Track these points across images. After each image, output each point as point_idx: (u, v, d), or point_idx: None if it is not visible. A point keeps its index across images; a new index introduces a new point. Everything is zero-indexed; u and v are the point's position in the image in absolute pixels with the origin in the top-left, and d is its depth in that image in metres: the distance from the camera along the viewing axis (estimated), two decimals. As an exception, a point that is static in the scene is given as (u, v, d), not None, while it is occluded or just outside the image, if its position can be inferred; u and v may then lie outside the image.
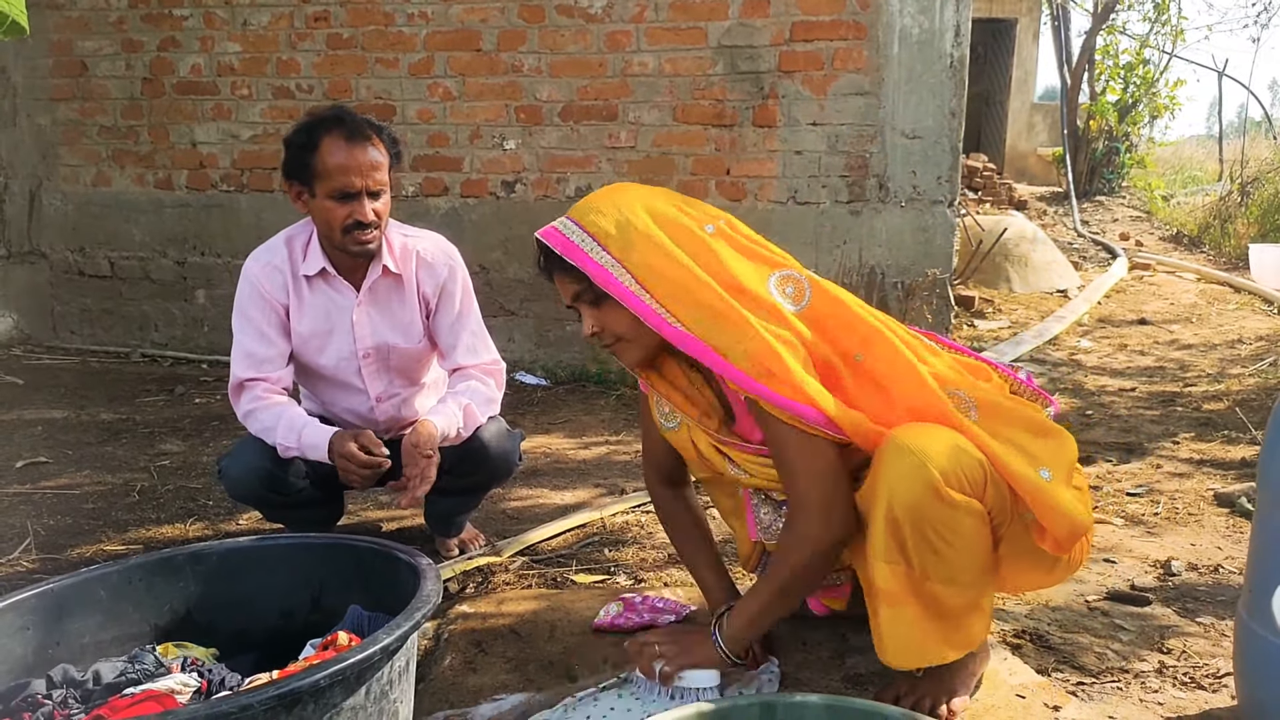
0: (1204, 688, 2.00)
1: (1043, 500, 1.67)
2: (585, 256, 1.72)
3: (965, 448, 1.66)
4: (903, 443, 1.65)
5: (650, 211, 1.75)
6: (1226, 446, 3.76)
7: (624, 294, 1.71)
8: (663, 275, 1.71)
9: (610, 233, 1.72)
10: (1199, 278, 7.97)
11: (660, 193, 1.83)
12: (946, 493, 1.63)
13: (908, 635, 1.69)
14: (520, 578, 2.61)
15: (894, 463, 1.65)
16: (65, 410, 4.55)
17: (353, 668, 1.37)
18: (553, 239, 1.76)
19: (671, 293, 1.70)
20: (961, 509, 1.64)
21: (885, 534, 1.65)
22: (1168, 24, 12.43)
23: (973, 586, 1.71)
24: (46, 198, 5.97)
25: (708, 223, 1.79)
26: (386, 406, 2.64)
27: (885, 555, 1.66)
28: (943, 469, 1.62)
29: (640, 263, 1.71)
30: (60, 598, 1.71)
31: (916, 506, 1.63)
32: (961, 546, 1.66)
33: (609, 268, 1.71)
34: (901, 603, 1.68)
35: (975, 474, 1.65)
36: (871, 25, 4.66)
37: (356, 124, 2.38)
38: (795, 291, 1.77)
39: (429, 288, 2.56)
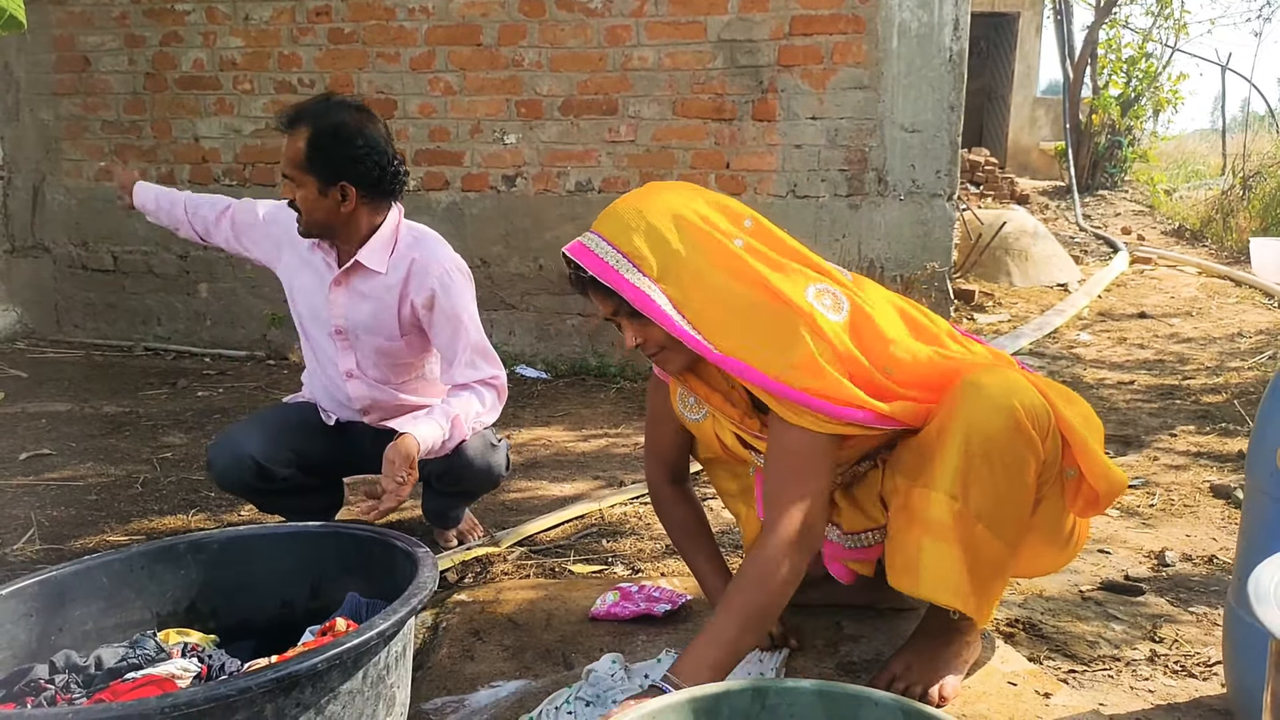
0: (1194, 675, 2.02)
1: (1090, 453, 1.74)
2: (621, 279, 1.70)
3: (1034, 390, 1.73)
4: (979, 380, 1.70)
5: (679, 225, 1.73)
6: (1224, 439, 3.78)
7: (662, 317, 1.70)
8: (697, 296, 1.70)
9: (644, 254, 1.70)
10: (1200, 272, 7.97)
11: (686, 198, 1.79)
12: (1025, 425, 1.68)
13: (946, 569, 1.71)
14: (518, 568, 2.64)
15: (973, 397, 1.69)
16: (69, 403, 4.58)
17: (350, 652, 1.40)
18: (587, 260, 1.72)
19: (706, 312, 1.70)
20: (1031, 448, 1.69)
21: (956, 465, 1.68)
22: (1170, 17, 12.40)
23: (1008, 544, 1.75)
24: (50, 192, 5.99)
25: (736, 236, 1.76)
26: (358, 384, 2.61)
27: (948, 487, 1.69)
28: (1023, 403, 1.68)
29: (676, 283, 1.70)
30: (63, 585, 1.73)
31: (996, 437, 1.67)
32: (1017, 490, 1.71)
33: (646, 290, 1.69)
34: (947, 540, 1.70)
35: (1044, 417, 1.72)
36: (870, 19, 4.67)
37: (290, 115, 2.42)
38: (833, 303, 1.76)
39: (419, 298, 2.51)
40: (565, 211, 5.12)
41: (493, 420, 2.58)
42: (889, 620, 2.11)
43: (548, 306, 5.29)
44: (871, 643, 2.03)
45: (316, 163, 2.37)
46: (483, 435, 2.59)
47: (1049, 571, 2.05)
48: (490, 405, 2.54)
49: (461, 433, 2.45)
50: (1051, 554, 1.90)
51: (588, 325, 5.25)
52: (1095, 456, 1.75)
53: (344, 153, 2.38)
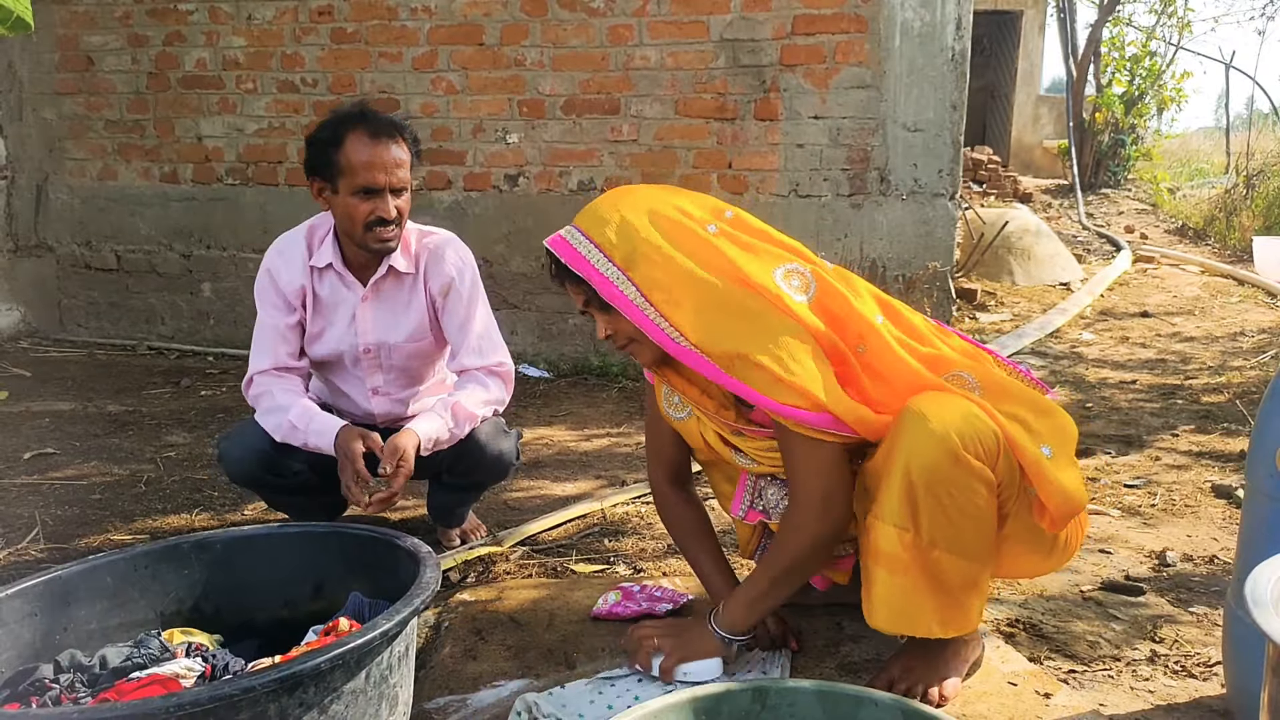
0: (1195, 676, 2.02)
1: (1043, 474, 1.71)
2: (591, 269, 1.76)
3: (981, 416, 1.71)
4: (921, 410, 1.69)
5: (653, 217, 1.77)
6: (1225, 439, 3.78)
7: (628, 307, 1.75)
8: (666, 285, 1.74)
9: (614, 243, 1.76)
10: (1203, 270, 7.97)
11: (664, 194, 1.85)
12: (964, 457, 1.66)
13: (902, 601, 1.72)
14: (521, 567, 2.64)
15: (913, 428, 1.68)
16: (72, 402, 4.59)
17: (353, 652, 1.40)
18: (561, 249, 1.79)
19: (674, 302, 1.73)
20: (976, 475, 1.68)
21: (900, 497, 1.68)
22: (1174, 16, 12.38)
23: (975, 561, 1.74)
24: (53, 191, 6.00)
25: (710, 222, 1.80)
26: (383, 400, 2.67)
27: (895, 519, 1.69)
28: (961, 433, 1.67)
29: (644, 274, 1.74)
30: (68, 584, 1.74)
31: (935, 469, 1.66)
32: (972, 515, 1.70)
33: (615, 281, 1.75)
34: (903, 571, 1.70)
35: (990, 443, 1.70)
36: (873, 18, 4.67)
37: (381, 121, 2.42)
38: (801, 284, 1.78)
39: (435, 286, 2.58)
40: (568, 211, 5.07)
41: (502, 406, 2.62)
42: (890, 620, 2.12)
43: (550, 306, 5.30)
44: (872, 643, 2.03)
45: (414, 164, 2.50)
46: (494, 422, 2.63)
47: (1040, 574, 2.03)
48: (497, 392, 2.59)
49: (469, 418, 2.50)
50: (1038, 559, 1.87)
51: (590, 325, 5.24)
52: (1049, 475, 1.71)
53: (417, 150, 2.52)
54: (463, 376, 2.61)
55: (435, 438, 2.42)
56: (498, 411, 2.63)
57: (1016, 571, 1.96)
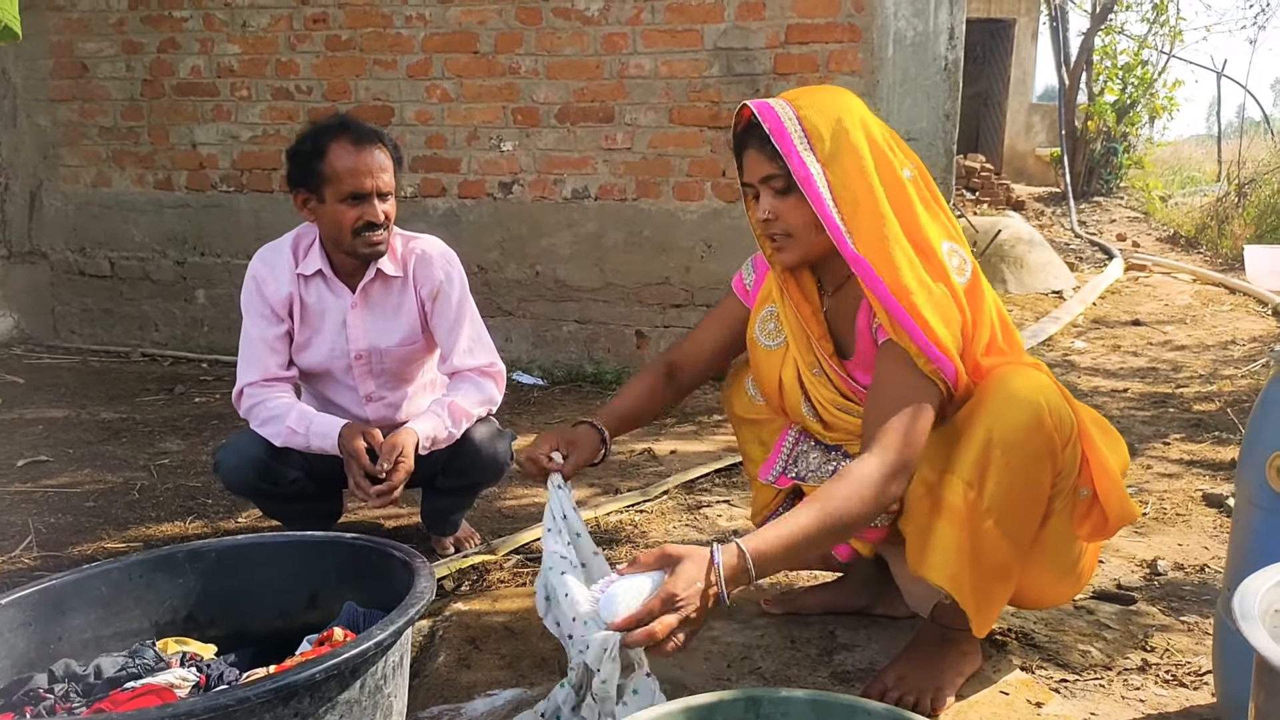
0: (1186, 685, 2.03)
1: (1109, 477, 1.76)
2: (793, 148, 1.74)
3: (1064, 400, 1.76)
4: (1012, 376, 1.74)
5: (866, 131, 1.77)
6: (1217, 447, 3.79)
7: (818, 199, 1.74)
8: (856, 197, 1.74)
9: (824, 136, 1.74)
10: (1194, 279, 8.00)
11: (872, 117, 1.84)
12: (1047, 425, 1.70)
13: (952, 555, 1.74)
14: (514, 576, 2.65)
15: (1001, 389, 1.73)
16: (66, 409, 4.58)
17: (348, 662, 1.41)
18: (768, 118, 1.76)
19: (858, 215, 1.74)
20: (1049, 450, 1.72)
21: (976, 452, 1.71)
22: (1166, 24, 12.47)
23: (1015, 546, 1.76)
24: (47, 198, 6.00)
25: (906, 166, 1.81)
26: (377, 406, 2.68)
27: (967, 474, 1.72)
28: (1049, 404, 1.71)
29: (841, 174, 1.74)
30: (62, 594, 1.74)
31: (1016, 430, 1.70)
32: (1031, 492, 1.74)
33: (810, 167, 1.74)
34: (961, 526, 1.72)
35: (1066, 425, 1.74)
36: (866, 28, 4.69)
37: (362, 129, 2.45)
38: (959, 264, 1.80)
39: (425, 290, 2.61)
40: (562, 219, 5.14)
41: (495, 406, 2.66)
42: (883, 629, 2.13)
43: (544, 313, 5.31)
44: (865, 652, 2.04)
45: (397, 169, 2.52)
46: (490, 422, 2.67)
47: (1055, 602, 2.03)
48: (490, 392, 2.63)
49: (465, 416, 2.53)
50: (1053, 578, 1.89)
51: (584, 332, 5.26)
52: (1113, 477, 1.77)
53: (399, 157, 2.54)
54: (455, 378, 2.63)
55: (433, 436, 2.46)
56: (491, 411, 2.67)
57: (1030, 588, 1.92)
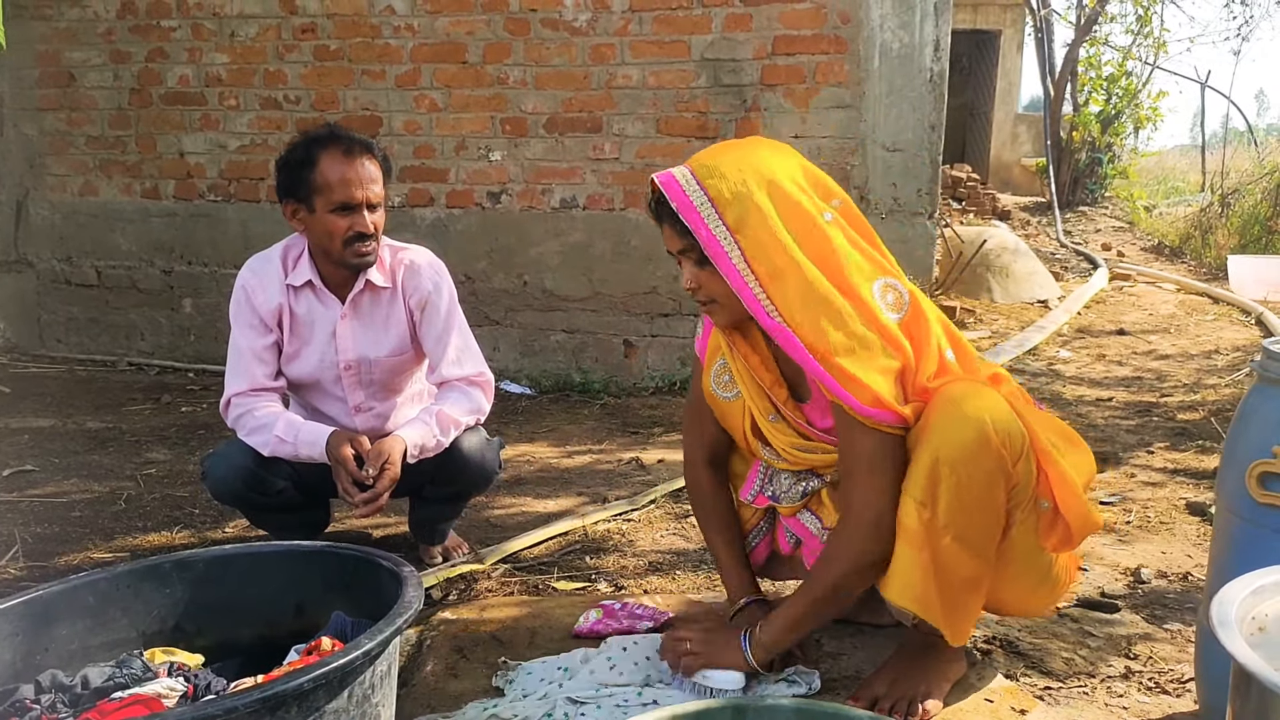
0: (1168, 692, 2.05)
1: (1068, 488, 1.74)
2: (700, 221, 1.73)
3: (1012, 414, 1.73)
4: (958, 393, 1.72)
5: (771, 186, 1.74)
6: (1200, 456, 3.82)
7: (730, 270, 1.73)
8: (770, 259, 1.72)
9: (728, 200, 1.73)
10: (1178, 288, 8.05)
11: (786, 161, 1.81)
12: (994, 442, 1.69)
13: (914, 576, 1.73)
14: (502, 585, 2.65)
15: (948, 410, 1.71)
16: (52, 419, 4.57)
17: (335, 672, 1.41)
18: (672, 192, 1.76)
19: (775, 278, 1.72)
20: (998, 466, 1.70)
21: (925, 472, 1.70)
22: (1150, 36, 12.54)
23: (979, 557, 1.75)
24: (34, 207, 5.99)
25: (826, 209, 1.78)
26: (366, 416, 2.68)
27: (919, 494, 1.71)
28: (994, 420, 1.69)
29: (752, 240, 1.72)
30: (49, 604, 1.73)
31: (962, 448, 1.68)
32: (986, 506, 1.72)
33: (721, 240, 1.73)
34: (919, 547, 1.72)
35: (1017, 441, 1.72)
36: (852, 39, 4.72)
37: (352, 139, 2.46)
38: (895, 300, 1.78)
39: (414, 300, 2.61)
40: (550, 228, 5.15)
41: (483, 415, 2.66)
42: (869, 638, 2.14)
43: (532, 323, 5.32)
44: (851, 660, 2.05)
45: (386, 180, 2.52)
46: (478, 431, 2.67)
47: (1037, 610, 2.04)
48: (478, 401, 2.64)
49: (450, 425, 2.53)
50: (1029, 586, 1.88)
51: (572, 341, 5.28)
52: (1073, 489, 1.75)
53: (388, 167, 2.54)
54: (443, 388, 2.63)
55: (421, 444, 2.46)
56: (480, 420, 2.66)
57: (1007, 597, 1.93)
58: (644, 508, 3.30)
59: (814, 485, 1.98)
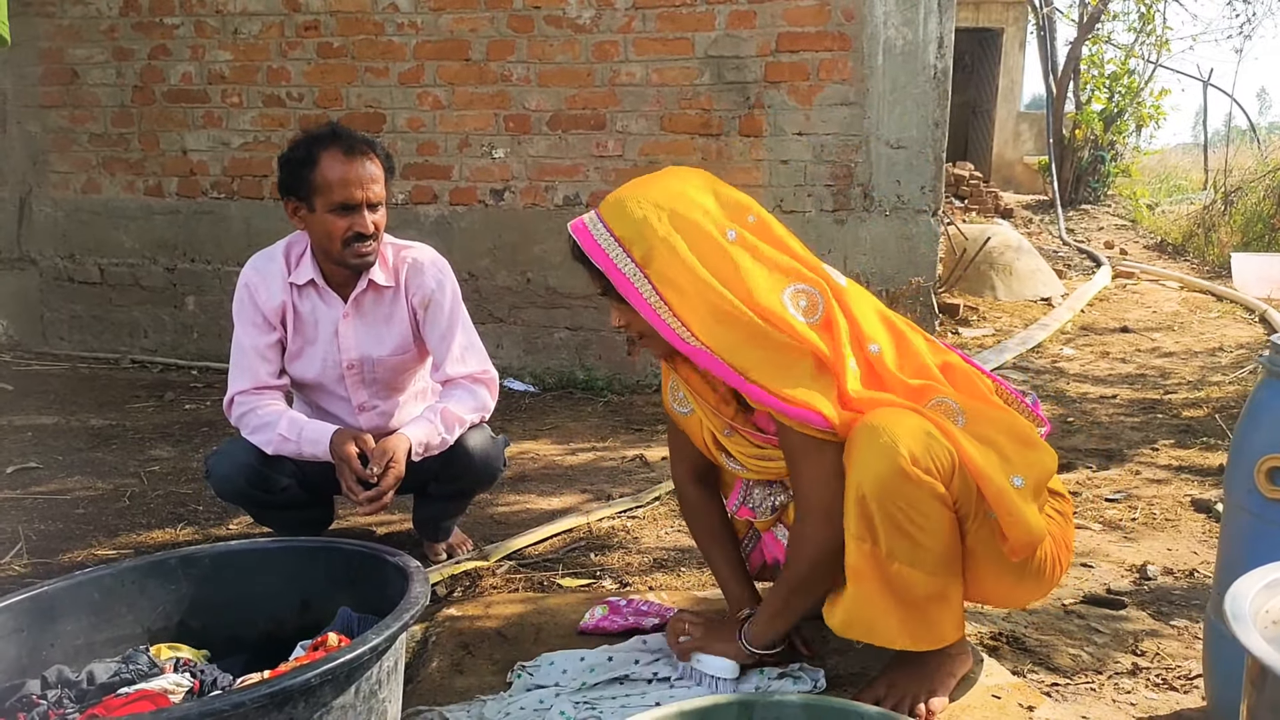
0: (1175, 689, 2.04)
1: (1004, 503, 1.70)
2: (609, 262, 1.78)
3: (935, 435, 1.71)
4: (874, 424, 1.70)
5: (673, 217, 1.77)
6: (1205, 453, 3.82)
7: (642, 305, 1.77)
8: (680, 287, 1.74)
9: (632, 238, 1.77)
10: (1182, 286, 8.05)
11: (691, 187, 1.84)
12: (913, 471, 1.66)
13: (857, 608, 1.74)
14: (507, 582, 2.65)
15: (865, 443, 1.69)
16: (55, 416, 4.57)
17: (342, 667, 1.41)
18: (581, 237, 1.81)
19: (687, 304, 1.75)
20: (928, 490, 1.68)
21: (855, 510, 1.70)
22: (1152, 34, 12.52)
23: (936, 575, 1.74)
24: (36, 204, 5.99)
25: (730, 228, 1.80)
26: (370, 415, 2.68)
27: (854, 530, 1.71)
28: (910, 448, 1.67)
29: (659, 272, 1.75)
30: (54, 600, 1.73)
31: (884, 483, 1.67)
32: (929, 529, 1.70)
33: (630, 276, 1.76)
34: (863, 580, 1.72)
35: (944, 460, 1.70)
36: (856, 37, 4.71)
37: (354, 139, 2.44)
38: (809, 304, 1.79)
39: (417, 299, 2.61)
40: (553, 225, 5.15)
41: (488, 413, 2.66)
42: (875, 634, 2.13)
43: (535, 320, 5.31)
44: (858, 656, 2.04)
45: (388, 179, 2.51)
46: (483, 429, 2.66)
47: (1027, 601, 2.01)
48: (483, 398, 2.63)
49: (454, 422, 2.53)
50: (1010, 583, 1.85)
51: (575, 338, 5.27)
52: (1009, 505, 1.70)
53: (390, 166, 2.53)
54: (448, 385, 2.63)
55: (425, 442, 2.46)
56: (484, 418, 2.66)
57: (991, 595, 1.92)
58: (648, 505, 3.29)
59: (782, 500, 2.01)
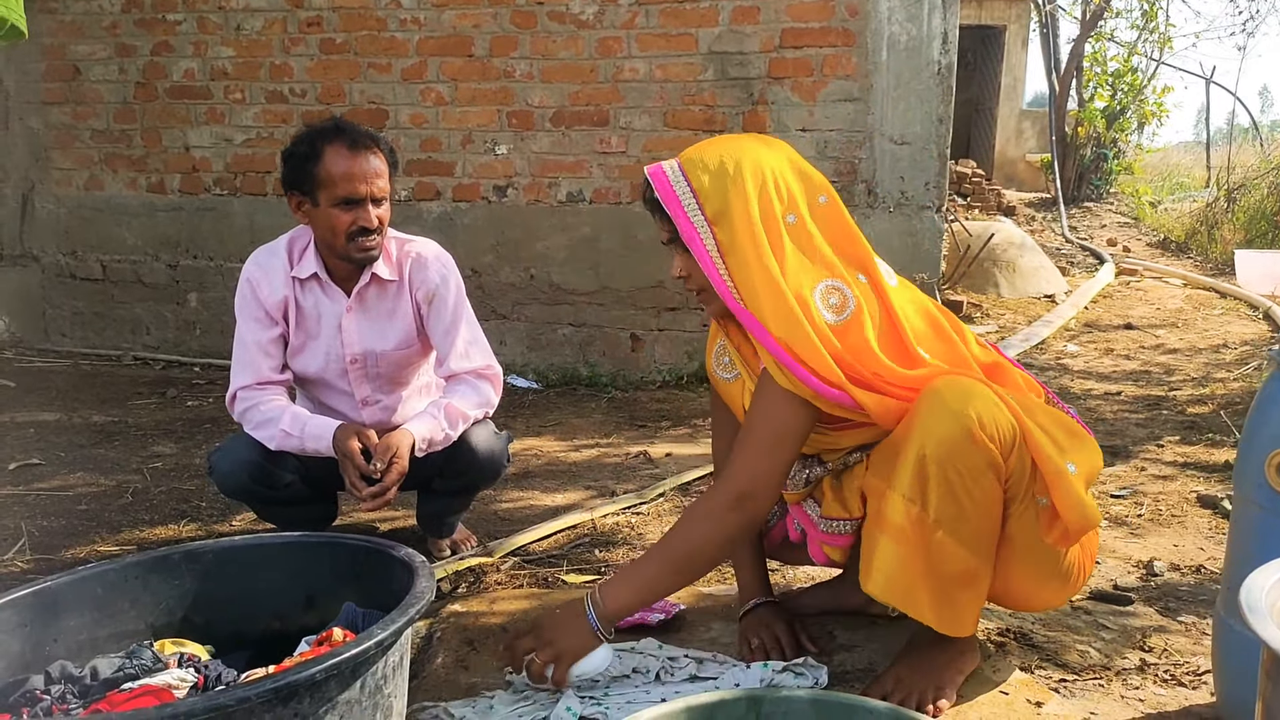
0: (1184, 685, 2.03)
1: (1063, 483, 1.71)
2: (681, 211, 1.79)
3: (1001, 405, 1.72)
4: (943, 387, 1.72)
5: (752, 182, 1.78)
6: (1210, 449, 3.81)
7: (705, 259, 1.79)
8: (741, 252, 1.76)
9: (710, 194, 1.78)
10: (1185, 283, 8.04)
11: (774, 156, 1.85)
12: (980, 436, 1.67)
13: (899, 572, 1.73)
14: (512, 578, 2.64)
15: (932, 403, 1.71)
16: (57, 413, 4.56)
17: (348, 662, 1.40)
18: (659, 182, 1.81)
19: (743, 270, 1.76)
20: (988, 460, 1.69)
21: (912, 470, 1.70)
22: (1155, 31, 12.51)
23: (975, 553, 1.74)
24: (39, 201, 5.98)
25: (792, 211, 1.81)
26: (373, 410, 2.67)
27: (906, 490, 1.71)
28: (979, 413, 1.68)
29: (726, 233, 1.77)
30: (58, 595, 1.72)
31: (949, 444, 1.68)
32: (979, 500, 1.71)
33: (699, 229, 1.78)
34: (906, 542, 1.71)
35: (1007, 431, 1.71)
36: (860, 32, 4.70)
37: (358, 133, 2.44)
38: (839, 303, 1.79)
39: (421, 294, 2.60)
40: (556, 222, 5.14)
41: (492, 408, 2.65)
42: (882, 629, 2.12)
43: (539, 316, 5.30)
44: (864, 652, 2.04)
45: (392, 174, 2.51)
46: (487, 424, 2.66)
47: (1048, 605, 1.99)
48: (487, 394, 2.62)
49: (458, 417, 2.52)
50: (1039, 580, 1.85)
51: (579, 335, 5.26)
52: (1067, 485, 1.71)
53: (394, 161, 2.53)
54: (452, 381, 2.62)
55: (429, 437, 2.45)
56: (488, 414, 2.65)
57: (1015, 593, 1.91)
58: (652, 501, 3.28)
59: (817, 473, 2.00)
